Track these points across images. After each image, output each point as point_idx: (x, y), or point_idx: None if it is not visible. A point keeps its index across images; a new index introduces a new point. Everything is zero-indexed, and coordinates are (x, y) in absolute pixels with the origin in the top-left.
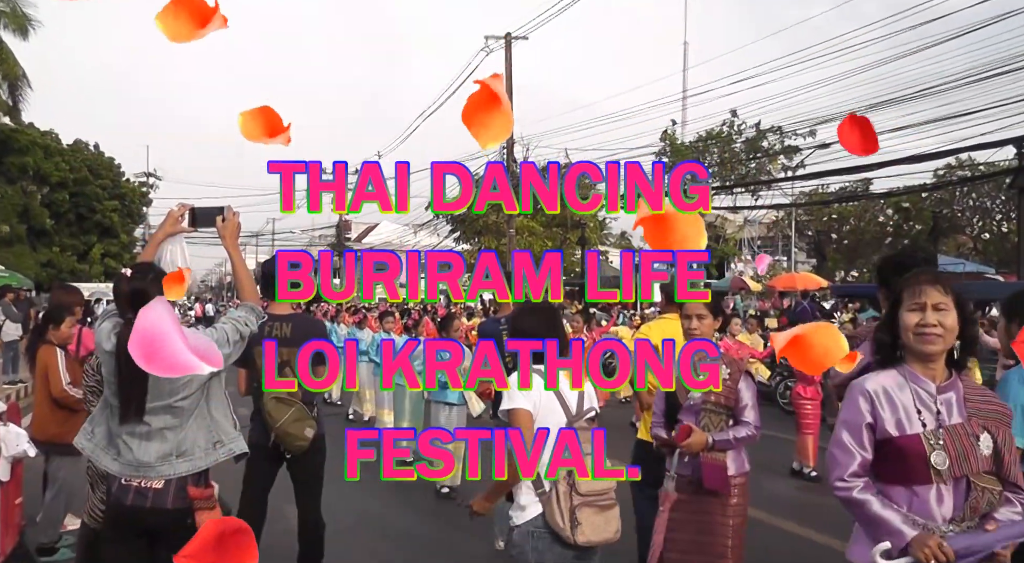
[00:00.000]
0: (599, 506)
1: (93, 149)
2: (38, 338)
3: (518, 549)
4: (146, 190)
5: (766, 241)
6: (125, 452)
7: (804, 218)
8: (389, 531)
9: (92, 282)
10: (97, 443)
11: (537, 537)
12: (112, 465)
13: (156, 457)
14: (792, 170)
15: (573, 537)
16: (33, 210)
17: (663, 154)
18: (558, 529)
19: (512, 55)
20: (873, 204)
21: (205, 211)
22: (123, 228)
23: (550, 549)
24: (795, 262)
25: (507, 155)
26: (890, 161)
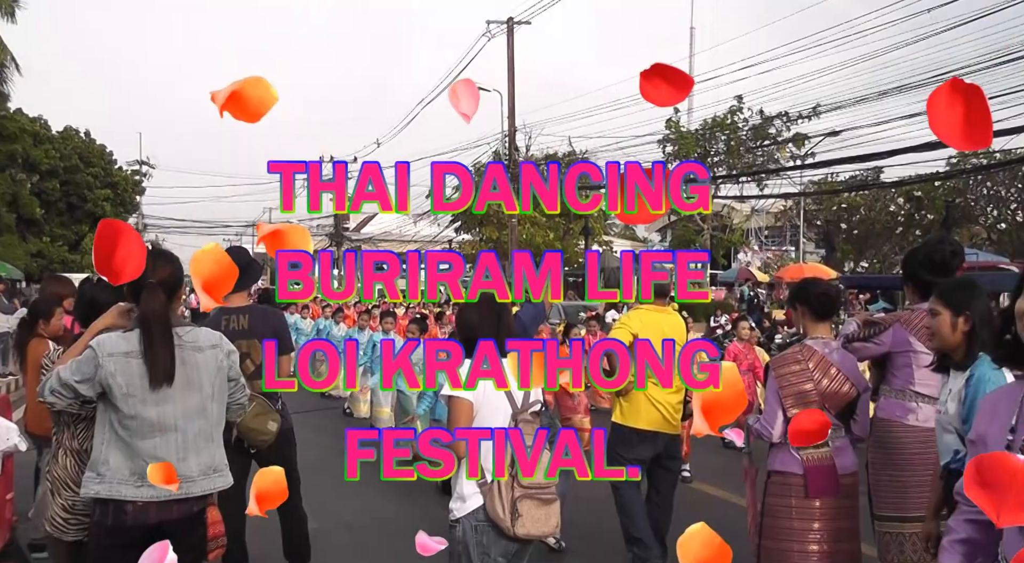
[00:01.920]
0: (540, 499)
1: (84, 136)
2: (28, 332)
3: (460, 545)
4: (139, 179)
5: (774, 231)
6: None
7: (813, 208)
8: (391, 528)
9: (84, 273)
10: (113, 478)
11: (481, 531)
12: (141, 493)
13: (198, 471)
14: (801, 158)
15: (513, 529)
16: (22, 199)
17: (668, 142)
18: (498, 520)
19: (514, 40)
20: (884, 193)
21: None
22: (115, 217)
23: (495, 543)
24: (803, 253)
25: (509, 143)
26: (902, 149)
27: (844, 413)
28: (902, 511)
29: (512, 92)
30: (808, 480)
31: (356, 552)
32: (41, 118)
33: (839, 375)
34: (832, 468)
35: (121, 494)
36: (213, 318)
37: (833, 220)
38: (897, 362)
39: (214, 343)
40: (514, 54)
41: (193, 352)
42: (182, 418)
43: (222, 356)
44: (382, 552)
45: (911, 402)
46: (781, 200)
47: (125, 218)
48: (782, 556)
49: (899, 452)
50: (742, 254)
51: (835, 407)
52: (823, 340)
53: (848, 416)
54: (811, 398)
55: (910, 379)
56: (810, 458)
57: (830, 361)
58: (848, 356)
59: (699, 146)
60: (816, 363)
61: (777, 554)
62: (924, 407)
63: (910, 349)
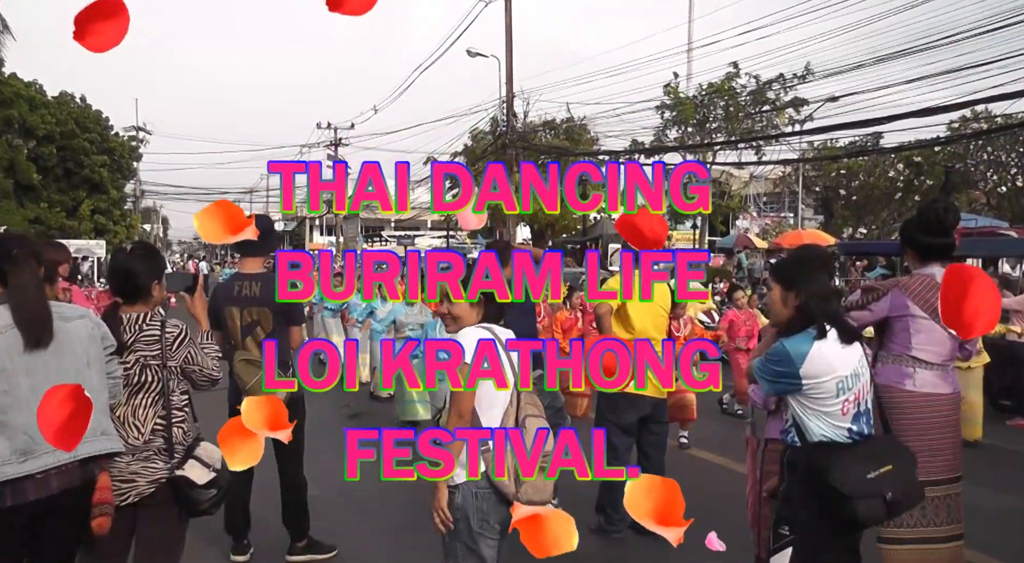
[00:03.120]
0: (540, 467)
1: (80, 101)
2: None
3: (460, 512)
4: (136, 144)
5: (772, 197)
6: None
7: (812, 174)
8: (390, 493)
9: (82, 239)
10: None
11: (482, 498)
12: (27, 467)
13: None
14: (800, 123)
15: (517, 495)
16: (19, 164)
17: (666, 108)
18: (503, 486)
19: (512, 5)
20: (883, 159)
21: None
22: (113, 184)
23: (495, 510)
24: (802, 219)
25: (507, 110)
26: (901, 114)
27: None
28: None
29: (510, 58)
30: None
31: (355, 518)
32: (36, 83)
33: None
34: None
35: (5, 475)
36: (226, 283)
37: (832, 186)
38: (895, 327)
39: (81, 314)
40: (512, 19)
41: (61, 322)
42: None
43: (92, 325)
44: (381, 517)
45: (908, 367)
46: (780, 166)
47: (123, 184)
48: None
49: (898, 418)
50: (740, 220)
51: None
52: None
53: None
54: None
55: (907, 344)
56: None
57: None
58: None
59: (697, 113)
60: None
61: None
62: (922, 372)
63: (908, 314)
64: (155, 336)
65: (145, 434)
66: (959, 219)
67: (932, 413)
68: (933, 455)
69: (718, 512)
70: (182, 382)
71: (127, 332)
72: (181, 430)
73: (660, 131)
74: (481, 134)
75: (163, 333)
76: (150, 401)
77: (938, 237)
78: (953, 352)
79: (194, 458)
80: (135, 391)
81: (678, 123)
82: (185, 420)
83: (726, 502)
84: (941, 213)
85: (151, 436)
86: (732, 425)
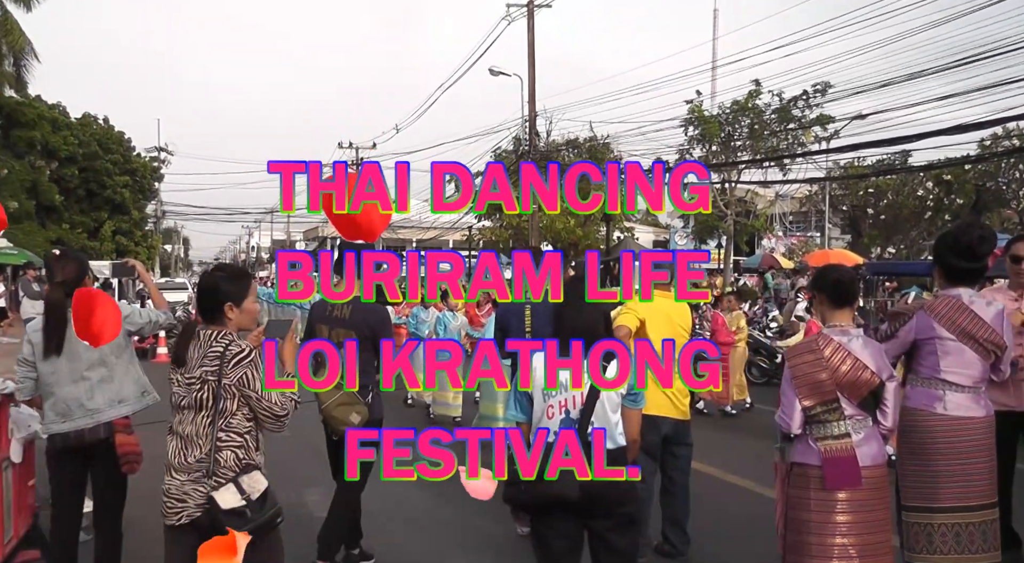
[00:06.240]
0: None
1: (103, 123)
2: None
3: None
4: (158, 165)
5: (798, 216)
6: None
7: (839, 192)
8: (410, 514)
9: (104, 260)
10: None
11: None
12: (65, 426)
13: (105, 404)
14: (826, 140)
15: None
16: (42, 186)
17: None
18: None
19: (535, 24)
20: (912, 177)
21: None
22: (134, 204)
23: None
24: (829, 238)
25: (529, 129)
26: (931, 132)
27: (868, 402)
28: (931, 501)
29: (532, 77)
30: (826, 472)
31: (376, 535)
32: (60, 105)
33: (858, 363)
34: (852, 459)
35: (51, 430)
36: (320, 302)
37: (859, 205)
38: (923, 350)
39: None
40: (534, 38)
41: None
42: (86, 369)
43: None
44: (403, 535)
45: (938, 390)
46: (806, 185)
47: (144, 205)
48: (802, 548)
49: (928, 442)
50: (766, 240)
51: (855, 396)
52: (840, 327)
53: (874, 406)
54: (826, 387)
55: (936, 367)
56: (829, 449)
57: (848, 348)
58: (871, 343)
59: (722, 130)
60: (833, 351)
61: (797, 546)
62: (952, 395)
63: (935, 336)
64: (218, 352)
65: (201, 454)
66: (995, 246)
67: (965, 437)
68: (968, 480)
69: (744, 537)
70: (244, 406)
71: (198, 349)
72: (235, 455)
73: (685, 149)
74: (504, 153)
75: (225, 350)
76: (209, 420)
77: (968, 261)
78: (985, 374)
79: (235, 483)
80: (198, 409)
81: (703, 141)
82: (243, 446)
83: (751, 524)
84: (976, 242)
85: (204, 456)
86: (758, 447)
